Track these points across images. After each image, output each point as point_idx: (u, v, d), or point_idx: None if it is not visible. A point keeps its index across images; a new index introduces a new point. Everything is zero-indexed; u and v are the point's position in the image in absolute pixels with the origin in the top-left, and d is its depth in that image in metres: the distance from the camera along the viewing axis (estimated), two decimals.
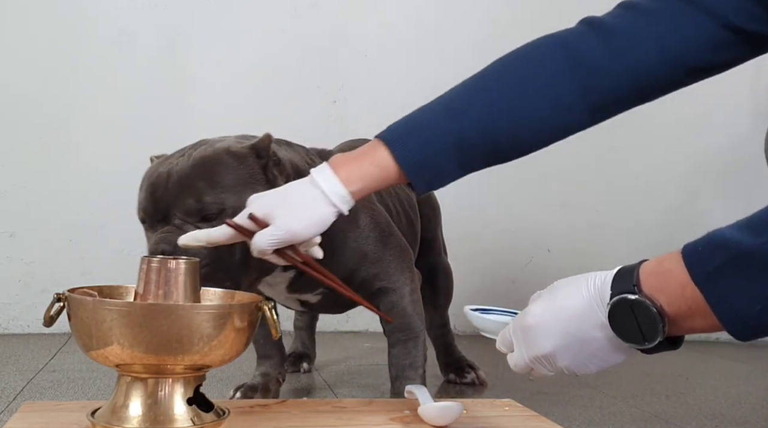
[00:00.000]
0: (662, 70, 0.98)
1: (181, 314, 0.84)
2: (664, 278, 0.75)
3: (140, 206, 1.20)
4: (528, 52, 1.05)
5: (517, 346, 0.87)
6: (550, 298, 0.83)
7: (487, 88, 1.03)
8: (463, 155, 1.00)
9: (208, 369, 0.90)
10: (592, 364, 0.83)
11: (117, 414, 0.87)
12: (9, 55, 2.12)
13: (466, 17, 2.37)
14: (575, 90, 1.00)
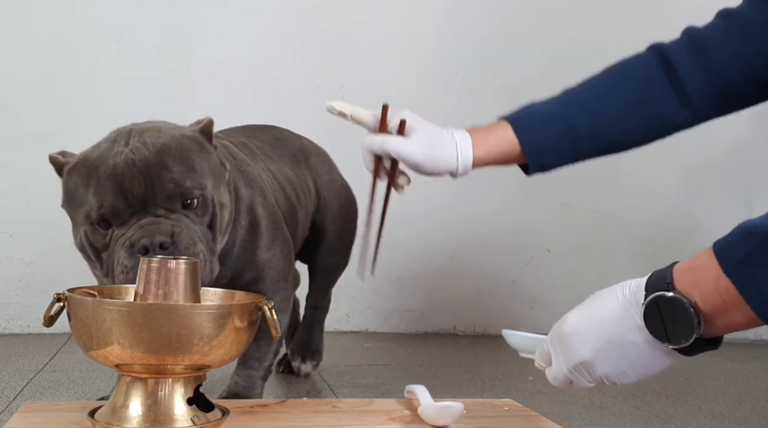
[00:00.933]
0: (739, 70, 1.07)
1: (181, 314, 0.84)
2: (697, 274, 0.75)
3: (100, 202, 1.09)
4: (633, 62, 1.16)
5: (555, 357, 0.85)
6: (587, 306, 0.83)
7: (598, 87, 1.15)
8: (573, 141, 1.12)
9: (208, 369, 0.90)
10: (632, 371, 0.81)
11: (117, 414, 0.87)
12: (9, 55, 2.12)
13: (466, 17, 2.37)
14: (673, 95, 1.11)
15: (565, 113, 1.11)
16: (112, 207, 1.09)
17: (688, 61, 1.08)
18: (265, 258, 1.34)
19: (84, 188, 1.12)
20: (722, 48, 1.06)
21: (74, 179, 1.14)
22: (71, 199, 1.16)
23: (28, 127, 2.12)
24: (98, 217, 1.10)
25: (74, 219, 1.17)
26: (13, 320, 2.10)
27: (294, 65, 2.28)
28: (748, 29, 1.04)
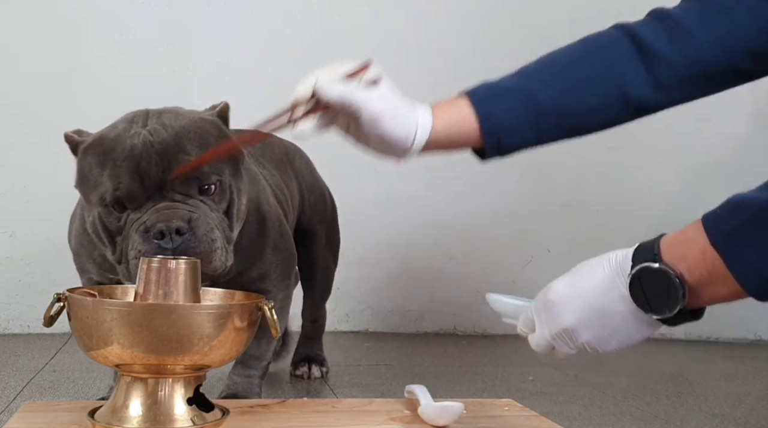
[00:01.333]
0: (718, 57, 1.00)
1: (181, 314, 0.84)
2: (684, 247, 0.76)
3: (116, 185, 1.06)
4: (599, 37, 1.08)
5: (539, 324, 0.86)
6: (573, 275, 0.84)
7: (559, 61, 1.07)
8: (535, 118, 1.02)
9: (208, 369, 0.90)
10: (614, 339, 0.82)
11: (117, 414, 0.87)
12: (9, 55, 2.12)
13: (466, 17, 2.37)
14: (645, 75, 1.02)
15: (527, 87, 1.03)
16: (128, 190, 1.06)
17: (665, 43, 1.02)
18: (273, 256, 1.34)
19: (99, 169, 1.09)
20: (702, 32, 1.00)
21: (89, 159, 1.11)
22: (85, 179, 1.12)
23: (28, 127, 2.12)
24: (113, 199, 1.07)
25: (87, 200, 1.13)
26: (13, 320, 2.10)
27: (294, 65, 2.28)
28: (728, 14, 1.00)
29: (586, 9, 2.41)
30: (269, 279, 1.34)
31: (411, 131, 0.98)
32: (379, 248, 2.31)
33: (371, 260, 2.32)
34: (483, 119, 1.01)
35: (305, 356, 1.70)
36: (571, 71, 1.04)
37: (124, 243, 1.08)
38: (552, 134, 1.04)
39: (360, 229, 2.28)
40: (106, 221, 1.09)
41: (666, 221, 2.54)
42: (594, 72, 1.03)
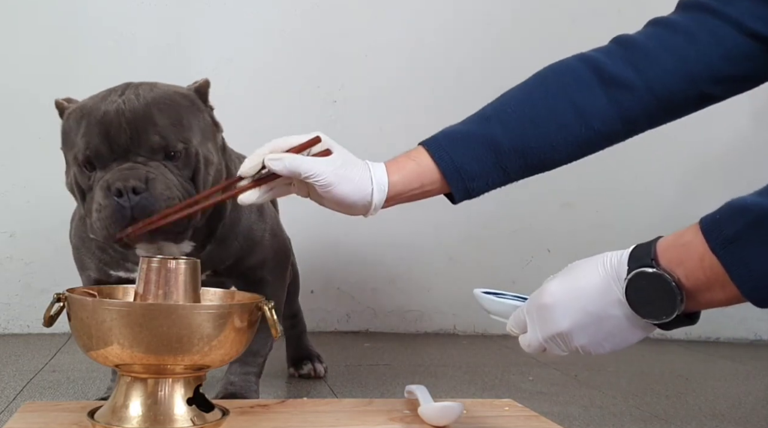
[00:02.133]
0: (682, 83, 1.00)
1: (181, 314, 0.84)
2: (682, 251, 0.75)
3: (86, 145, 1.14)
4: (556, 68, 1.08)
5: (531, 326, 0.85)
6: (567, 277, 0.83)
7: (517, 99, 1.07)
8: (499, 160, 1.04)
9: (208, 369, 0.90)
10: (608, 343, 0.82)
11: (117, 414, 0.87)
12: (9, 55, 2.12)
13: (466, 17, 2.37)
14: (606, 103, 1.02)
15: (488, 131, 1.03)
16: (96, 150, 1.14)
17: (627, 70, 1.01)
18: (271, 242, 1.37)
19: (76, 131, 1.18)
20: (665, 58, 1.00)
21: (70, 123, 1.22)
22: (66, 140, 1.23)
23: (28, 127, 2.12)
24: (84, 158, 1.15)
25: (67, 160, 1.23)
26: (13, 320, 2.10)
27: (294, 65, 2.28)
28: (692, 39, 0.99)
29: (586, 9, 2.42)
30: (267, 267, 1.37)
31: (367, 192, 0.99)
32: (379, 248, 2.31)
33: (371, 260, 2.32)
34: (445, 169, 1.02)
35: (303, 354, 1.70)
36: (530, 109, 1.04)
37: (90, 200, 1.15)
38: (519, 173, 1.06)
39: (360, 229, 2.28)
40: (79, 180, 1.17)
41: (666, 220, 2.55)
42: (554, 107, 1.03)
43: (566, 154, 1.05)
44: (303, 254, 2.24)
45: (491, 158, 1.03)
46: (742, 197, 0.72)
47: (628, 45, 1.04)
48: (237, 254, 1.31)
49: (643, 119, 1.05)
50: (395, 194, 1.02)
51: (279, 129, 2.49)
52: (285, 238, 1.46)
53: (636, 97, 1.02)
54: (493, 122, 1.04)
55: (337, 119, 2.29)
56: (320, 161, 0.97)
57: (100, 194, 1.11)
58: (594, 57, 1.05)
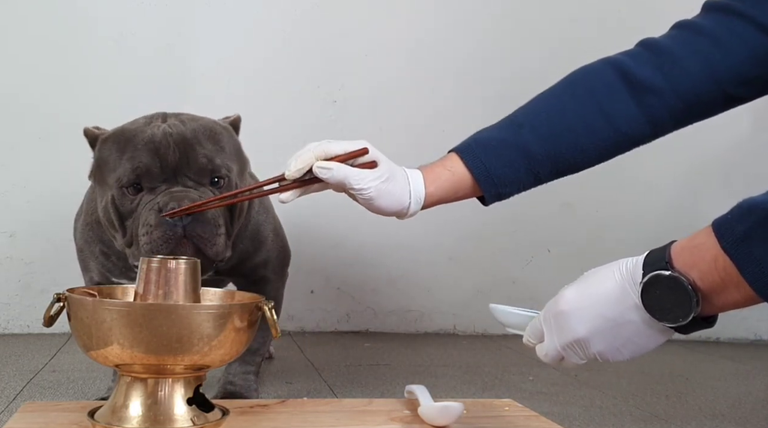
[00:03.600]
0: (709, 85, 1.02)
1: (181, 314, 0.84)
2: (695, 253, 0.75)
3: (134, 166, 1.14)
4: (584, 73, 1.11)
5: (548, 334, 0.85)
6: (583, 284, 0.83)
7: (547, 105, 1.10)
8: (531, 166, 1.08)
9: (208, 369, 0.90)
10: (626, 349, 0.82)
11: (117, 414, 0.87)
12: (9, 55, 2.12)
13: (466, 18, 2.37)
14: (634, 107, 1.05)
15: (519, 139, 1.06)
16: (146, 169, 1.14)
17: (654, 73, 1.04)
18: (274, 242, 1.40)
19: (118, 154, 1.17)
20: (691, 61, 1.02)
21: (109, 146, 1.19)
22: (103, 166, 1.20)
23: (28, 127, 2.12)
24: (130, 181, 1.15)
25: (102, 186, 1.21)
26: (13, 320, 2.10)
27: (294, 65, 2.28)
28: (718, 43, 1.01)
29: (586, 9, 2.42)
30: (270, 266, 1.39)
31: (404, 205, 1.04)
32: (379, 248, 2.31)
33: (371, 260, 2.32)
34: (479, 177, 1.06)
35: None
36: (560, 116, 1.07)
37: (134, 224, 1.15)
38: (550, 176, 1.11)
39: (360, 229, 2.28)
40: (119, 204, 1.16)
41: (666, 220, 2.56)
42: (583, 113, 1.06)
43: (596, 157, 1.09)
44: (303, 254, 2.25)
45: (524, 165, 1.07)
46: (753, 196, 0.72)
47: (654, 49, 1.06)
48: (242, 255, 1.33)
49: (669, 121, 1.07)
50: (429, 203, 1.07)
51: (279, 129, 2.51)
52: (285, 235, 1.48)
53: (663, 101, 1.04)
54: (525, 130, 1.07)
55: (337, 119, 2.29)
56: (367, 175, 1.00)
57: (150, 215, 1.12)
58: (621, 61, 1.07)
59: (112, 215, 1.17)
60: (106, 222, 1.20)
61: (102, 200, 1.20)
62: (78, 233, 1.37)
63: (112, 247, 1.27)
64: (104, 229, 1.24)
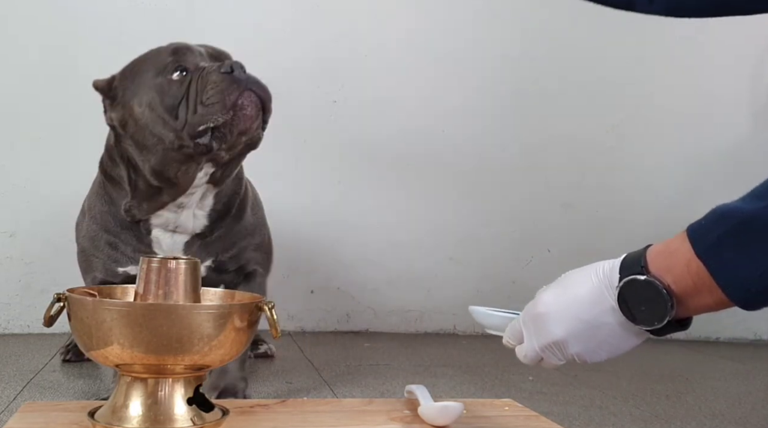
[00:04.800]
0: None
1: (181, 314, 0.84)
2: (670, 258, 0.76)
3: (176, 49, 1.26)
4: None
5: (528, 336, 0.87)
6: (561, 287, 0.84)
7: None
8: None
9: (208, 368, 0.90)
10: (603, 351, 0.83)
11: (117, 414, 0.87)
12: (9, 55, 2.12)
13: (466, 18, 2.37)
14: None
15: None
16: (186, 49, 1.26)
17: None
18: (266, 227, 1.49)
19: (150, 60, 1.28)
20: None
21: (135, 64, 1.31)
22: (135, 77, 1.29)
23: (28, 127, 2.12)
24: (174, 64, 1.24)
25: (140, 95, 1.26)
26: (13, 320, 2.10)
27: (294, 65, 2.28)
28: None
29: (586, 9, 2.41)
30: (262, 250, 1.47)
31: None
32: (379, 248, 2.31)
33: (371, 260, 2.32)
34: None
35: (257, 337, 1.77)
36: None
37: (191, 96, 1.22)
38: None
39: (360, 229, 2.28)
40: (165, 95, 1.23)
41: (665, 221, 2.55)
42: None
43: None
44: (303, 254, 2.25)
45: None
46: (727, 203, 0.73)
47: None
48: (240, 243, 1.40)
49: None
50: None
51: (279, 129, 2.50)
52: (270, 239, 1.54)
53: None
54: None
55: (337, 119, 2.29)
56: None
57: (212, 76, 1.21)
58: None
59: (160, 110, 1.22)
60: (153, 122, 1.24)
61: (143, 105, 1.25)
62: (82, 232, 1.39)
63: (119, 234, 1.33)
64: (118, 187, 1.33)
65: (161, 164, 1.27)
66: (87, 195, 1.49)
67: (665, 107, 2.48)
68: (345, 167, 2.21)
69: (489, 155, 2.38)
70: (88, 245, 1.36)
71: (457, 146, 2.35)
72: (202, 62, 1.23)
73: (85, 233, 1.38)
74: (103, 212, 1.38)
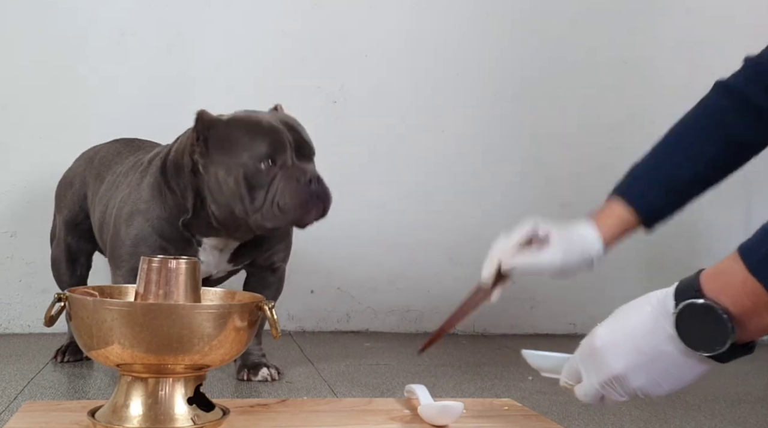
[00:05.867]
0: None
1: (181, 314, 0.84)
2: (724, 279, 0.74)
3: (272, 144, 1.39)
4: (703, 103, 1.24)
5: (586, 373, 0.83)
6: (614, 319, 0.82)
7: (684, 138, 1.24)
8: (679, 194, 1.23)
9: (208, 368, 0.90)
10: (665, 382, 0.80)
11: (117, 414, 0.87)
12: (9, 55, 2.12)
13: (465, 18, 2.38)
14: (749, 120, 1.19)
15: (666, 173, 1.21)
16: (281, 147, 1.40)
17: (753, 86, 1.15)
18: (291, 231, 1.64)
19: (249, 136, 1.39)
20: None
21: (235, 129, 1.41)
22: (228, 145, 1.40)
23: (29, 127, 2.13)
24: (267, 155, 1.39)
25: (225, 163, 1.40)
26: (13, 320, 2.11)
27: (294, 65, 2.28)
28: None
29: (586, 9, 2.42)
30: (287, 248, 1.64)
31: (589, 263, 1.16)
32: (379, 248, 2.31)
33: (371, 260, 2.32)
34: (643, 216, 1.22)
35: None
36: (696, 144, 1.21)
37: (270, 192, 1.39)
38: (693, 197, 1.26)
39: (360, 229, 2.28)
40: (251, 176, 1.39)
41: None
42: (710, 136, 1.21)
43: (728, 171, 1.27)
44: (303, 253, 2.25)
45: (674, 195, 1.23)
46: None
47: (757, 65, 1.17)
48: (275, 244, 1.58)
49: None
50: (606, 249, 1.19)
51: None
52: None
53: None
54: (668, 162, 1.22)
55: (337, 119, 2.30)
56: (544, 260, 1.12)
57: (291, 184, 1.39)
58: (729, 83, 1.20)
59: (242, 187, 1.39)
60: (231, 194, 1.40)
61: (230, 175, 1.39)
62: (133, 230, 1.48)
63: (172, 240, 1.47)
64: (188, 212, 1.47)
65: (225, 219, 1.45)
66: (133, 192, 1.53)
67: (665, 107, 2.48)
68: (345, 166, 2.21)
69: (489, 154, 2.39)
70: (139, 244, 1.47)
71: (457, 145, 2.35)
72: (290, 159, 1.40)
73: (138, 232, 1.48)
74: (161, 218, 1.48)
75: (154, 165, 1.53)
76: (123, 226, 1.51)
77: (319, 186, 1.41)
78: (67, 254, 1.75)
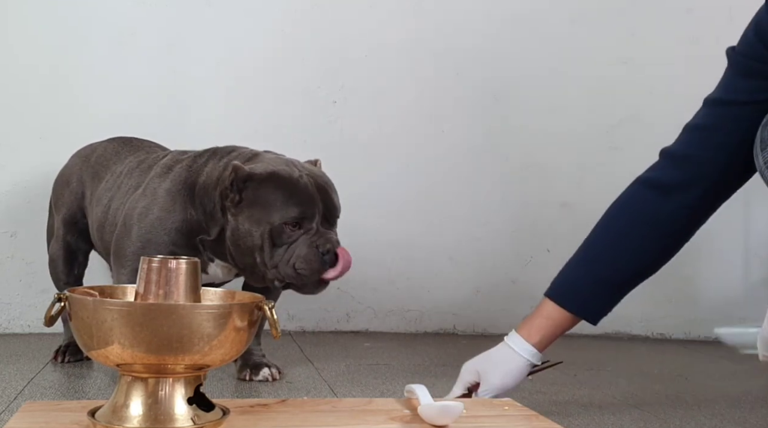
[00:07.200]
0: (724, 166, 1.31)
1: (181, 314, 0.84)
2: None
3: (302, 210, 1.43)
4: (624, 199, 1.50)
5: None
6: None
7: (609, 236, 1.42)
8: (612, 291, 1.33)
9: (208, 368, 0.90)
10: None
11: (117, 414, 0.87)
12: (9, 55, 2.12)
13: (465, 18, 2.38)
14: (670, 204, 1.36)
15: (595, 274, 1.32)
16: (309, 214, 1.45)
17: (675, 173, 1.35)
18: None
19: (284, 197, 1.44)
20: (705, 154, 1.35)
21: (270, 188, 1.44)
22: (263, 203, 1.44)
23: (29, 127, 2.13)
24: (294, 220, 1.43)
25: (256, 218, 1.44)
26: (13, 320, 2.11)
27: (294, 65, 2.28)
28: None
29: (586, 9, 2.42)
30: None
31: (524, 372, 1.37)
32: (379, 248, 2.31)
33: (371, 260, 2.32)
34: (580, 314, 1.33)
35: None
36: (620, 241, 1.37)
37: (290, 252, 1.44)
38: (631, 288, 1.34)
39: (360, 229, 2.28)
40: (276, 235, 1.43)
41: None
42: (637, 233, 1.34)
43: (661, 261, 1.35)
44: None
45: (607, 294, 1.34)
46: None
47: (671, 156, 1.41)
48: None
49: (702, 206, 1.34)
50: (542, 348, 1.36)
51: (279, 129, 2.51)
52: None
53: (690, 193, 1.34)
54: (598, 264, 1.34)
55: (337, 119, 2.30)
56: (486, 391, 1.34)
57: (310, 251, 1.44)
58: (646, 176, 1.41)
59: (265, 243, 1.44)
60: (253, 247, 1.45)
61: (257, 229, 1.44)
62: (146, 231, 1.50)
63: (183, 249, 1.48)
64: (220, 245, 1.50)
65: (241, 261, 1.49)
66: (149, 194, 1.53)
67: (665, 107, 2.48)
68: (345, 166, 2.20)
69: (488, 154, 2.39)
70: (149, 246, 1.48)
71: (456, 145, 2.35)
72: (315, 225, 1.46)
73: (151, 236, 1.49)
74: (179, 231, 1.51)
75: (177, 174, 1.53)
76: (135, 226, 1.51)
77: (335, 256, 1.46)
78: (66, 253, 1.75)
